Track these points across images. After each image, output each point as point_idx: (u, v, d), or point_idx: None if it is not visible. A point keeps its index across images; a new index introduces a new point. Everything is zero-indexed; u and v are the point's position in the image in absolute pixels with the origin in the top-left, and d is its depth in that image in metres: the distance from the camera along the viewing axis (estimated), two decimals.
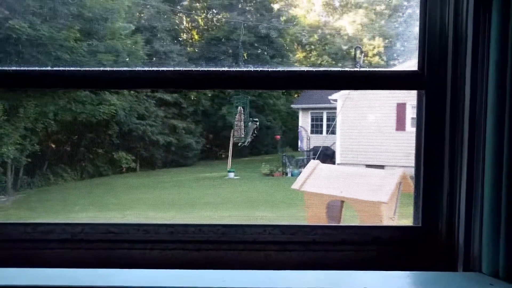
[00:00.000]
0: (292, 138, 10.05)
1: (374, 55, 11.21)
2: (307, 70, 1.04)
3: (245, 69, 1.00)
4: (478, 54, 0.92)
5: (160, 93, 9.84)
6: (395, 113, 8.49)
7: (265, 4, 10.05)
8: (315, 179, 2.90)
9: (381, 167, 7.58)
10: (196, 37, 10.74)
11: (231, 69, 1.02)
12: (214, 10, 10.71)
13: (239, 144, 4.34)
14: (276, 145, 10.12)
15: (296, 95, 10.93)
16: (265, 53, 10.34)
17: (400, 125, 8.51)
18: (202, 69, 1.01)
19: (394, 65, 10.89)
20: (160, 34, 9.29)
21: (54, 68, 0.99)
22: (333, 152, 8.88)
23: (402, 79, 1.05)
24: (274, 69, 1.00)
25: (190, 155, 10.23)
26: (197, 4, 10.40)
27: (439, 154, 1.03)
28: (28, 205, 7.57)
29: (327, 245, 1.07)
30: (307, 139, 9.37)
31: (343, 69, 1.06)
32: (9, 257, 1.03)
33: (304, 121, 9.77)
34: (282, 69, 0.99)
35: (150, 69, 1.01)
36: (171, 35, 9.54)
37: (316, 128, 9.67)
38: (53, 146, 8.98)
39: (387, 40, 11.29)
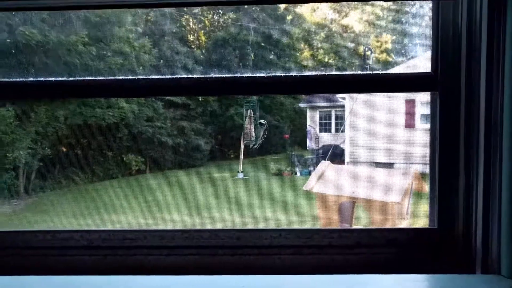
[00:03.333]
0: (300, 137, 10.03)
1: (381, 52, 11.13)
2: (320, 75, 1.04)
3: (257, 75, 1.00)
4: (493, 55, 0.91)
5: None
6: (404, 110, 8.42)
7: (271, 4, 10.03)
8: (326, 180, 2.89)
9: (391, 165, 7.53)
10: (203, 38, 10.77)
11: (244, 75, 1.02)
12: (220, 11, 10.73)
13: (250, 146, 4.35)
14: (285, 144, 10.11)
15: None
16: (272, 52, 10.33)
17: (410, 122, 8.44)
18: (216, 75, 1.02)
19: (403, 61, 10.80)
20: (167, 36, 9.34)
21: (70, 79, 1.01)
22: (342, 151, 8.84)
23: (415, 81, 1.04)
24: (287, 74, 1.00)
25: (199, 156, 10.27)
26: (204, 6, 10.42)
27: (454, 155, 1.02)
28: (40, 209, 7.66)
29: (343, 248, 1.06)
30: (316, 138, 9.34)
31: (356, 73, 1.05)
32: (28, 265, 1.05)
33: (312, 120, 9.74)
34: (295, 74, 1.00)
35: (164, 77, 1.02)
36: (178, 37, 9.58)
37: (324, 127, 9.64)
38: (64, 149, 9.08)
39: (394, 37, 11.20)
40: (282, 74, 1.02)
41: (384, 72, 1.02)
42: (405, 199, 2.69)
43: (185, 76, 0.96)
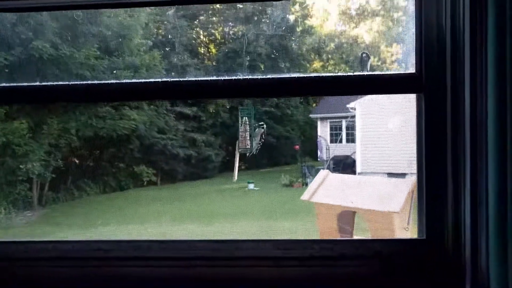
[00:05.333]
0: (311, 148, 9.95)
1: (392, 62, 11.04)
2: (299, 77, 1.00)
3: (233, 77, 0.98)
4: (476, 54, 0.87)
5: (179, 107, 9.98)
6: (415, 120, 8.25)
7: (281, 15, 10.09)
8: (325, 189, 2.82)
9: (403, 175, 7.38)
10: (214, 50, 10.86)
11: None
12: (230, 23, 10.83)
13: (247, 154, 4.29)
14: (295, 155, 10.04)
15: (314, 105, 10.86)
16: (283, 64, 10.34)
17: None
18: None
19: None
20: (177, 49, 9.46)
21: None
22: (354, 161, 8.72)
23: (399, 82, 1.00)
24: (263, 77, 0.97)
25: (210, 167, 10.27)
26: (214, 18, 10.54)
27: (442, 161, 0.97)
28: (54, 220, 7.74)
29: (325, 260, 1.01)
30: (327, 149, 9.25)
31: (337, 75, 1.02)
32: (3, 277, 1.03)
33: (323, 131, 9.66)
34: (270, 77, 0.96)
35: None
36: (188, 49, 9.69)
37: (335, 137, 9.54)
38: (76, 161, 9.20)
39: (405, 47, 11.11)
40: (259, 77, 0.99)
41: (367, 73, 0.98)
42: (405, 208, 2.60)
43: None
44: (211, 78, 0.98)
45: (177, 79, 0.96)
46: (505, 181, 0.81)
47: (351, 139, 9.36)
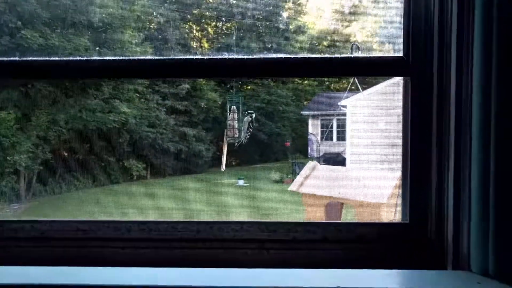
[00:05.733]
0: (302, 145, 9.97)
1: None
2: (286, 58, 0.99)
3: (219, 57, 0.96)
4: (463, 38, 0.87)
5: (171, 101, 9.92)
6: (401, 104, 8.34)
7: (274, 12, 10.08)
8: (313, 180, 2.82)
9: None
10: (206, 45, 10.81)
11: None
12: (223, 19, 10.78)
13: (235, 144, 4.25)
14: (286, 152, 10.06)
15: (306, 102, 10.87)
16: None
17: None
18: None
19: None
20: (170, 43, 9.39)
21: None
22: (344, 159, 8.76)
23: (386, 65, 0.99)
24: (240, 57, 0.95)
25: (200, 162, 10.23)
26: (207, 13, 10.48)
27: (426, 145, 0.97)
28: (40, 213, 7.64)
29: (308, 243, 1.00)
30: (317, 146, 9.27)
31: (325, 56, 1.00)
32: None
33: (314, 128, 9.69)
34: (249, 57, 0.95)
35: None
36: (181, 43, 9.62)
37: (326, 135, 9.57)
38: (65, 154, 9.09)
39: (396, 46, 11.15)
40: (245, 57, 0.97)
41: (353, 55, 0.97)
42: (392, 199, 2.60)
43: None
44: (197, 57, 0.97)
45: (162, 57, 0.93)
46: (487, 166, 0.81)
47: (341, 137, 9.40)
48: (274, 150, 10.16)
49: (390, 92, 8.26)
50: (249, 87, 9.53)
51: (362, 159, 8.39)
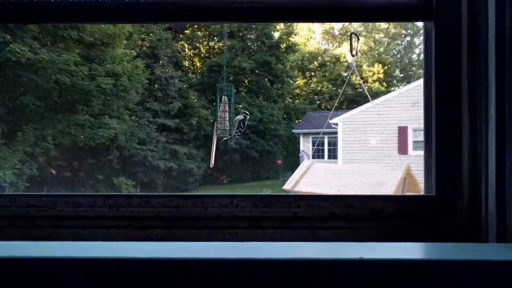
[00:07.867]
0: (293, 163, 9.92)
1: (374, 81, 11.23)
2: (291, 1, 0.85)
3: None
4: None
5: (161, 119, 9.87)
6: (396, 136, 8.38)
7: (266, 32, 10.22)
8: (310, 178, 2.72)
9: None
10: (198, 64, 10.87)
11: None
12: (215, 38, 10.89)
13: (224, 138, 4.09)
14: (277, 170, 9.99)
15: (296, 120, 10.90)
16: (266, 79, 10.40)
17: (402, 149, 8.37)
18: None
19: (395, 90, 10.91)
20: (162, 61, 9.43)
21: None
22: None
23: (406, 7, 0.84)
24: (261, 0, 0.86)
25: (191, 180, 10.10)
26: (199, 33, 10.59)
27: (456, 102, 0.81)
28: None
29: (312, 221, 0.84)
30: None
31: None
32: None
33: (305, 146, 9.67)
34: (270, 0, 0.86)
35: (131, 1, 0.87)
36: (173, 61, 9.67)
37: (317, 153, 9.55)
38: (53, 171, 8.91)
39: (386, 67, 11.33)
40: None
41: None
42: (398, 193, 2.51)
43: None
44: None
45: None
46: None
47: (333, 155, 9.38)
48: (265, 168, 10.09)
49: (381, 109, 8.33)
50: (240, 105, 9.52)
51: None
